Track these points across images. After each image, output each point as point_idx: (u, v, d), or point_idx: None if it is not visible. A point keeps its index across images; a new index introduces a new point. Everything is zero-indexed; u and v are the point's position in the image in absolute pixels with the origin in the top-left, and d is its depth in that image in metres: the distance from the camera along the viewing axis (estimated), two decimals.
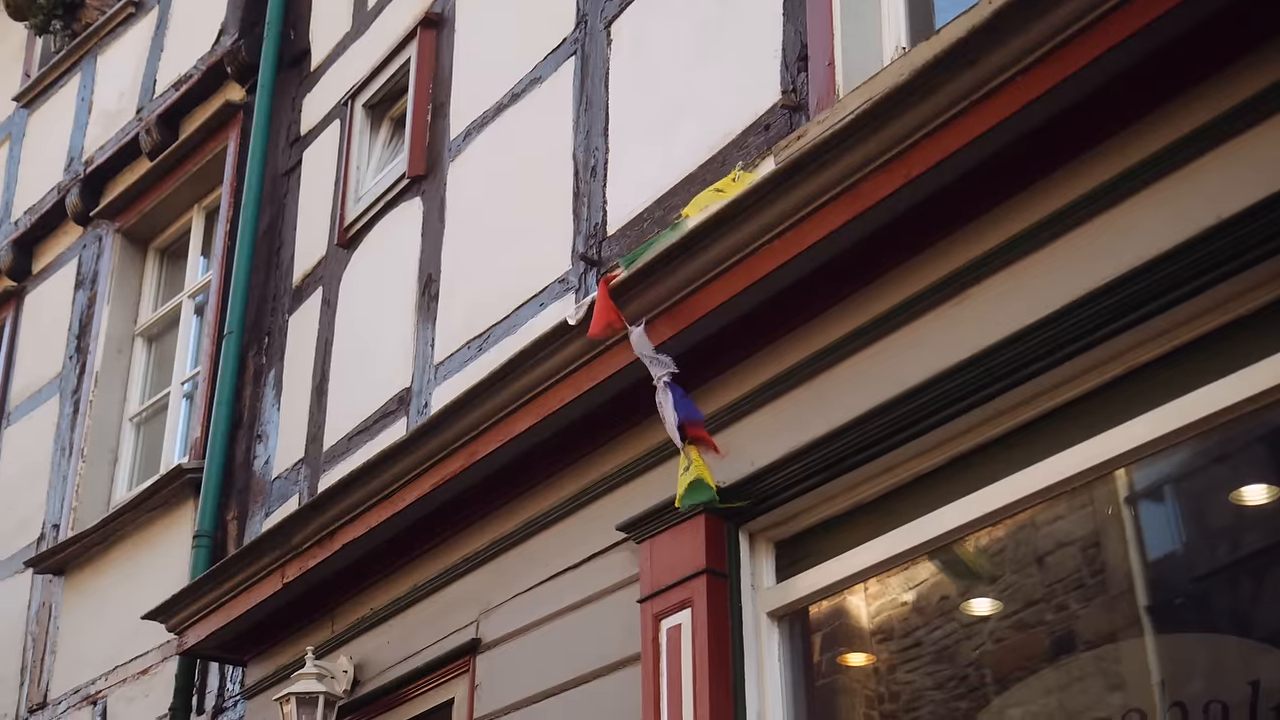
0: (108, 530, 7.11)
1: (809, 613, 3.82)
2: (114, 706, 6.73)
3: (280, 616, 5.59)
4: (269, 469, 6.41)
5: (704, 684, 3.70)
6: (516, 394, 4.47)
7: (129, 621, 6.60)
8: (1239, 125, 2.96)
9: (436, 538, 4.96)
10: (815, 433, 3.70)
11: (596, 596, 4.24)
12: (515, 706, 4.41)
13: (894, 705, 3.66)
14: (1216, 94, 3.00)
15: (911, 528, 3.56)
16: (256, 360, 6.76)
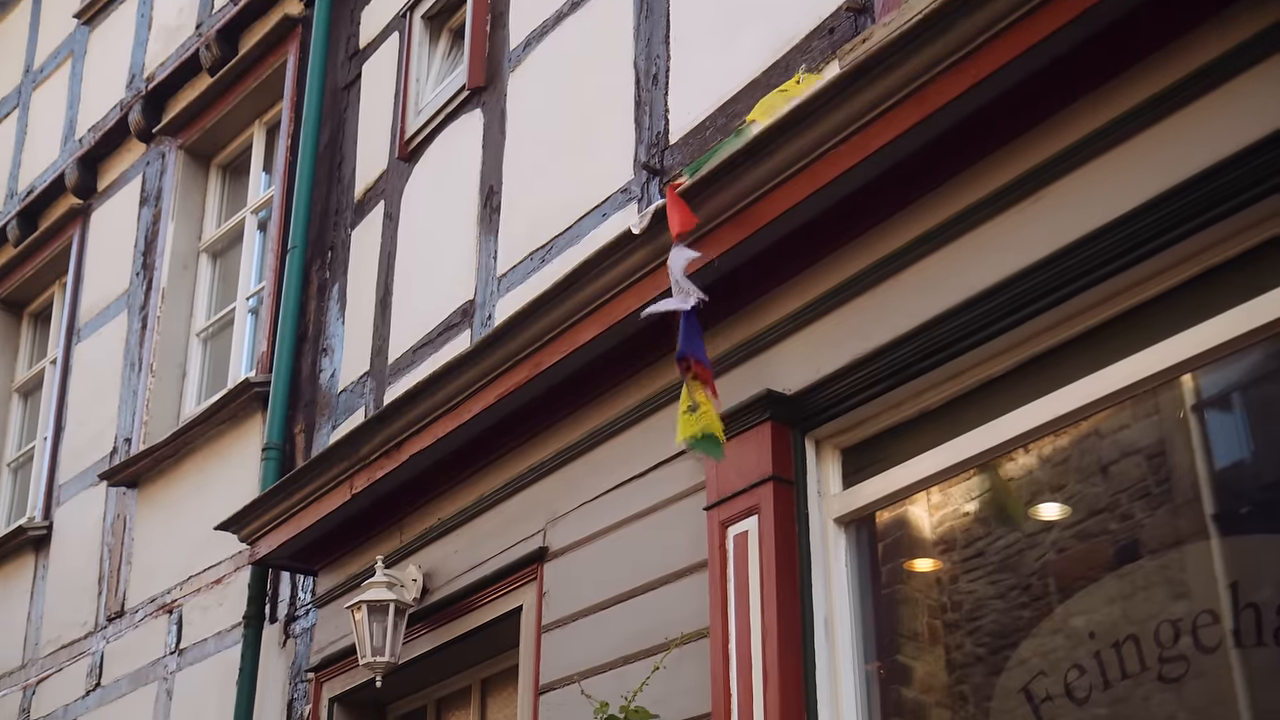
0: (178, 444, 7.21)
1: (875, 519, 3.83)
2: (189, 615, 6.87)
3: (349, 527, 5.68)
4: (335, 382, 6.47)
5: (771, 590, 3.73)
6: (580, 304, 4.48)
7: (201, 532, 6.72)
8: None
9: (502, 448, 5.00)
10: (881, 339, 3.69)
11: (663, 504, 4.26)
12: (583, 613, 4.46)
13: (956, 614, 3.67)
14: None
15: (978, 433, 3.56)
16: (320, 275, 6.80)
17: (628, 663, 4.19)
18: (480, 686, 5.41)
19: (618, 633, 4.27)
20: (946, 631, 3.69)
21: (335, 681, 5.66)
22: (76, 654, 7.65)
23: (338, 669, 5.64)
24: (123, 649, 7.29)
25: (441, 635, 5.17)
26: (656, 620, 4.14)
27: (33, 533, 8.30)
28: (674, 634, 4.03)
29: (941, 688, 3.67)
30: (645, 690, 3.98)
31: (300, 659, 6.11)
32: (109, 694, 7.27)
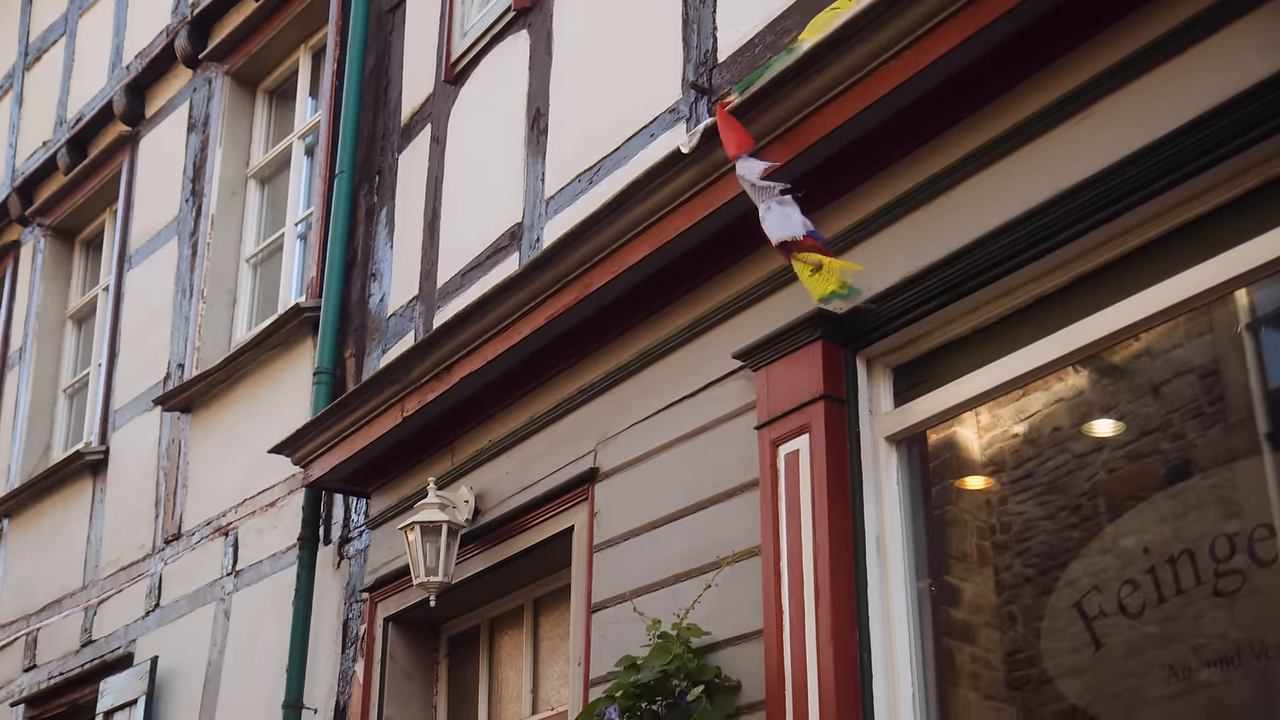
0: (230, 369, 7.28)
1: (927, 437, 3.83)
2: (244, 537, 6.97)
3: (401, 449, 5.73)
4: (384, 306, 6.50)
5: (823, 508, 3.74)
6: (629, 225, 4.47)
7: (255, 456, 6.80)
8: None
9: (552, 370, 5.03)
10: (933, 256, 3.67)
11: (713, 424, 4.28)
12: (635, 532, 4.49)
13: (1005, 535, 3.68)
14: None
15: (1030, 351, 3.54)
16: (368, 199, 6.81)
17: (679, 581, 4.22)
18: (532, 606, 5.47)
19: (669, 552, 4.30)
20: (995, 552, 3.70)
21: (389, 601, 5.74)
22: (135, 575, 7.78)
23: (391, 589, 5.71)
24: (180, 571, 7.41)
25: (493, 555, 5.22)
26: (708, 539, 4.16)
27: (90, 457, 8.43)
28: (725, 553, 4.05)
29: (990, 608, 3.68)
30: (697, 608, 4.02)
31: (354, 580, 6.19)
32: (168, 614, 7.40)
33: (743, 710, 3.88)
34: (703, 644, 4.01)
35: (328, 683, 6.16)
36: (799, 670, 3.68)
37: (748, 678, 3.89)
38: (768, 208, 3.64)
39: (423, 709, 5.76)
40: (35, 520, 9.05)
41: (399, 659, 5.75)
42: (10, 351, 9.97)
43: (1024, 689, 3.55)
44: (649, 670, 3.95)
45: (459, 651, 5.82)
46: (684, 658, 3.94)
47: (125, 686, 7.33)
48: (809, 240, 3.59)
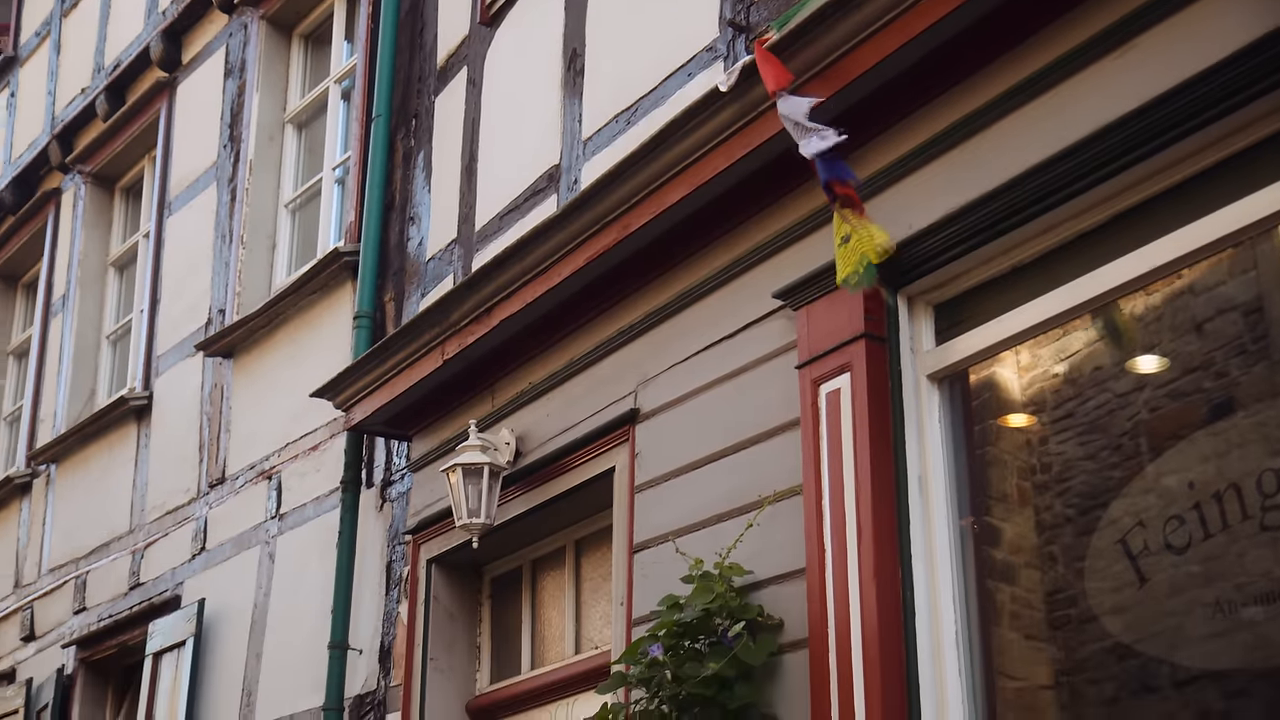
0: (271, 314, 7.32)
1: (969, 375, 3.81)
2: (288, 481, 7.03)
3: (442, 392, 5.75)
4: (423, 250, 6.51)
5: (864, 447, 3.74)
6: (667, 165, 4.45)
7: (297, 400, 6.84)
8: None
9: (592, 311, 5.03)
10: (974, 193, 3.64)
11: (754, 364, 4.27)
12: (676, 473, 4.50)
13: (1046, 476, 3.67)
14: None
15: (1072, 287, 3.52)
16: (405, 143, 6.81)
17: (721, 521, 4.24)
18: (574, 547, 5.50)
19: (710, 492, 4.31)
20: (1036, 493, 3.69)
21: (432, 543, 5.78)
22: (181, 519, 7.87)
23: (434, 531, 5.76)
24: (225, 514, 7.48)
25: (535, 497, 5.25)
26: (749, 479, 4.17)
27: (134, 402, 8.50)
28: (767, 492, 4.06)
29: (1031, 549, 3.68)
30: (739, 547, 4.04)
31: (397, 522, 6.24)
32: (214, 557, 7.48)
33: (785, 648, 3.90)
34: (745, 583, 4.03)
35: (372, 624, 6.22)
36: (841, 608, 3.69)
37: (790, 616, 3.91)
38: (810, 147, 3.61)
39: (466, 649, 5.82)
40: (82, 465, 9.15)
41: (442, 600, 5.80)
42: (54, 299, 10.05)
43: (1064, 629, 3.55)
44: (691, 609, 3.97)
45: (501, 592, 5.86)
46: (726, 596, 3.96)
47: (174, 628, 7.43)
48: (848, 188, 3.56)
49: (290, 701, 6.53)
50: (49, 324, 10.06)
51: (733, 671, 3.86)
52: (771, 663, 3.90)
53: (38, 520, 9.60)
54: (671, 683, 3.95)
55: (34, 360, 10.12)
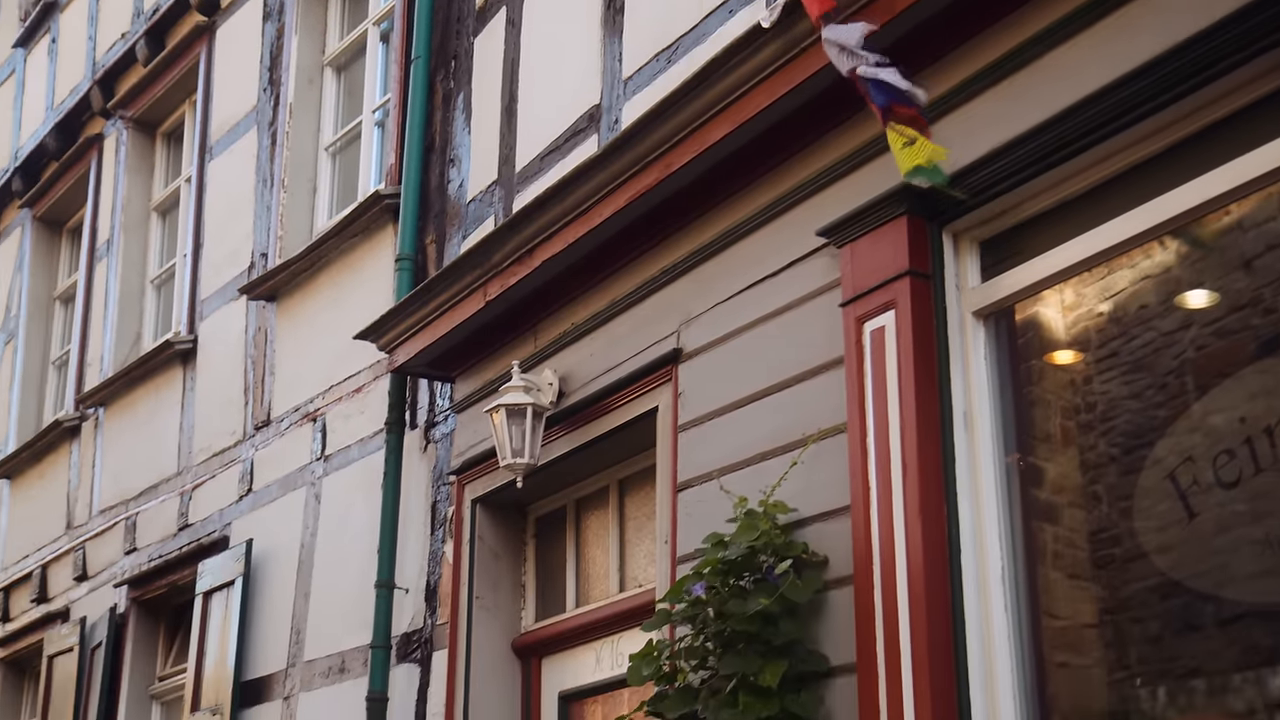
0: (313, 257, 7.34)
1: (1015, 312, 3.79)
2: (332, 423, 7.08)
3: (484, 334, 5.77)
4: (463, 192, 6.51)
5: (909, 384, 3.74)
6: (709, 104, 4.42)
7: (340, 343, 6.88)
8: None
9: (634, 251, 5.02)
10: (1023, 126, 3.61)
11: (797, 302, 4.26)
12: (719, 412, 4.51)
13: (1090, 415, 3.65)
14: None
15: (1120, 222, 3.49)
16: (445, 84, 6.79)
17: (765, 459, 4.24)
18: (618, 486, 5.53)
19: (754, 430, 4.32)
20: (1080, 432, 3.68)
21: (477, 484, 5.82)
22: (228, 461, 7.95)
23: (478, 471, 5.79)
24: (271, 456, 7.55)
25: (578, 437, 5.27)
26: (793, 417, 4.17)
27: (179, 346, 8.57)
28: (811, 430, 4.07)
29: (1075, 488, 3.67)
30: (783, 485, 4.05)
31: (441, 463, 6.28)
32: (260, 498, 7.56)
33: (831, 584, 3.92)
34: (789, 520, 4.05)
35: (418, 563, 6.28)
36: (887, 545, 3.70)
37: (835, 553, 3.92)
38: (867, 73, 3.55)
39: (511, 588, 5.87)
40: (129, 409, 9.25)
41: (487, 539, 5.85)
42: (98, 244, 10.12)
43: (1108, 568, 3.55)
44: (736, 547, 3.99)
45: (546, 532, 5.90)
46: (771, 534, 3.98)
47: (222, 568, 7.53)
48: (910, 110, 3.51)
49: (338, 639, 6.62)
50: (94, 269, 10.14)
51: (778, 608, 3.87)
52: (817, 599, 3.92)
53: (87, 463, 9.73)
54: (716, 619, 3.98)
55: (80, 305, 10.22)
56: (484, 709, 5.63)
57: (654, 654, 4.25)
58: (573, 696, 5.54)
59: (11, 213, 11.75)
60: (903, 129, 3.51)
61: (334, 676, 6.60)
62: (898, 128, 3.52)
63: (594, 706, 5.44)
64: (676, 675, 4.18)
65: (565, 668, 5.59)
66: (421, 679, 6.09)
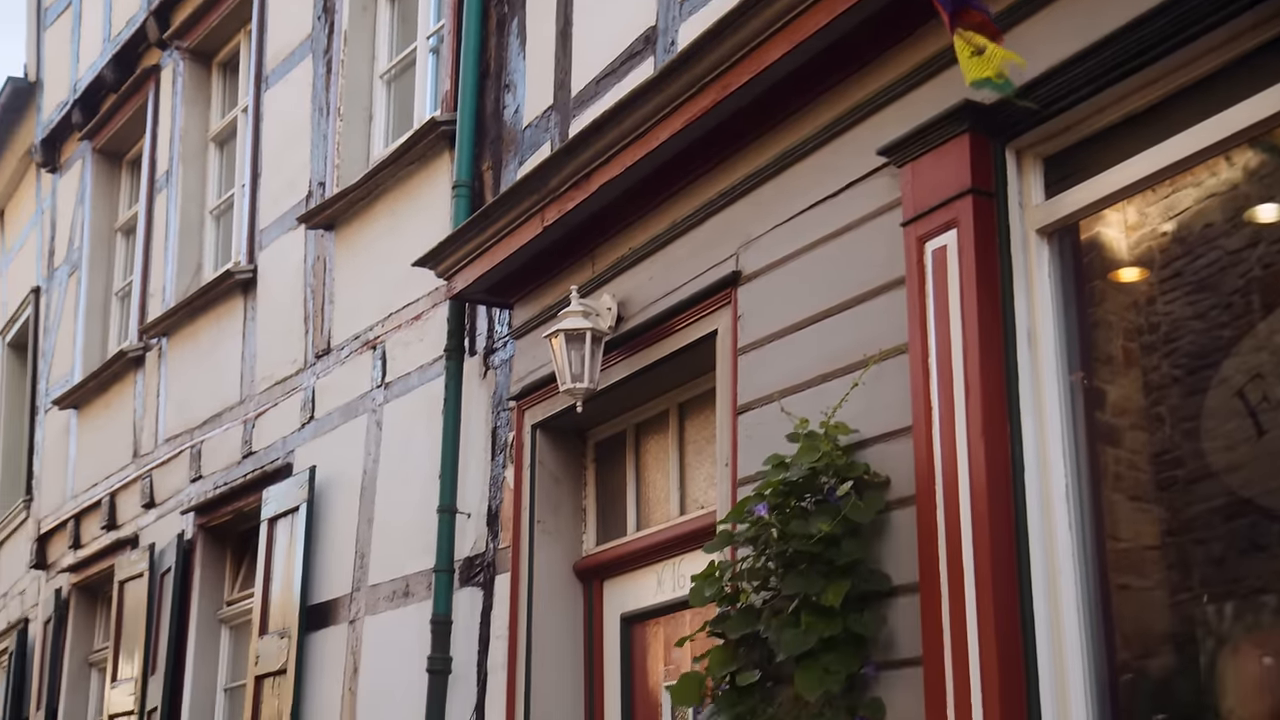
0: (370, 185, 7.36)
1: (1079, 229, 3.75)
2: (392, 350, 7.13)
3: (542, 259, 5.77)
4: (519, 118, 6.49)
5: (971, 303, 3.71)
6: (767, 22, 4.37)
7: (398, 271, 6.91)
8: None
9: (692, 174, 5.00)
10: (1086, 41, 3.54)
11: (857, 223, 4.23)
12: (779, 334, 4.50)
13: (1153, 336, 3.61)
14: None
15: (1186, 136, 3.43)
16: (499, 10, 6.75)
17: (825, 381, 4.23)
18: (677, 410, 5.54)
19: (815, 352, 4.31)
20: (1143, 354, 3.65)
21: (536, 409, 5.85)
22: (289, 390, 8.02)
23: (538, 397, 5.82)
24: (332, 384, 7.62)
25: (637, 361, 5.28)
26: (854, 338, 4.16)
27: (239, 276, 8.64)
28: (872, 351, 4.05)
29: (1137, 410, 3.64)
30: (844, 406, 4.04)
31: (501, 389, 6.31)
32: (322, 426, 7.64)
33: (893, 505, 3.92)
34: (850, 441, 4.04)
35: (479, 488, 6.34)
36: (949, 464, 3.69)
37: (897, 473, 3.92)
38: None
39: (572, 512, 5.91)
40: (192, 339, 9.35)
41: (547, 464, 5.88)
42: (157, 175, 10.19)
43: (1171, 489, 3.53)
44: (797, 468, 3.99)
45: (606, 456, 5.93)
46: (832, 455, 3.98)
47: (286, 495, 7.63)
48: (979, 16, 3.44)
49: (402, 564, 6.70)
50: (154, 200, 10.22)
51: (840, 529, 3.88)
52: (878, 520, 3.93)
53: (152, 392, 9.86)
54: (778, 540, 4.00)
55: (141, 236, 10.31)
56: (546, 631, 5.70)
57: (716, 575, 4.28)
58: (634, 618, 5.59)
59: (72, 145, 11.85)
60: (971, 36, 3.45)
61: (398, 600, 6.69)
62: (965, 34, 3.45)
63: (655, 628, 5.49)
64: (738, 596, 4.20)
65: (626, 590, 5.63)
66: (484, 602, 6.16)
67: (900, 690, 3.81)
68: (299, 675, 7.22)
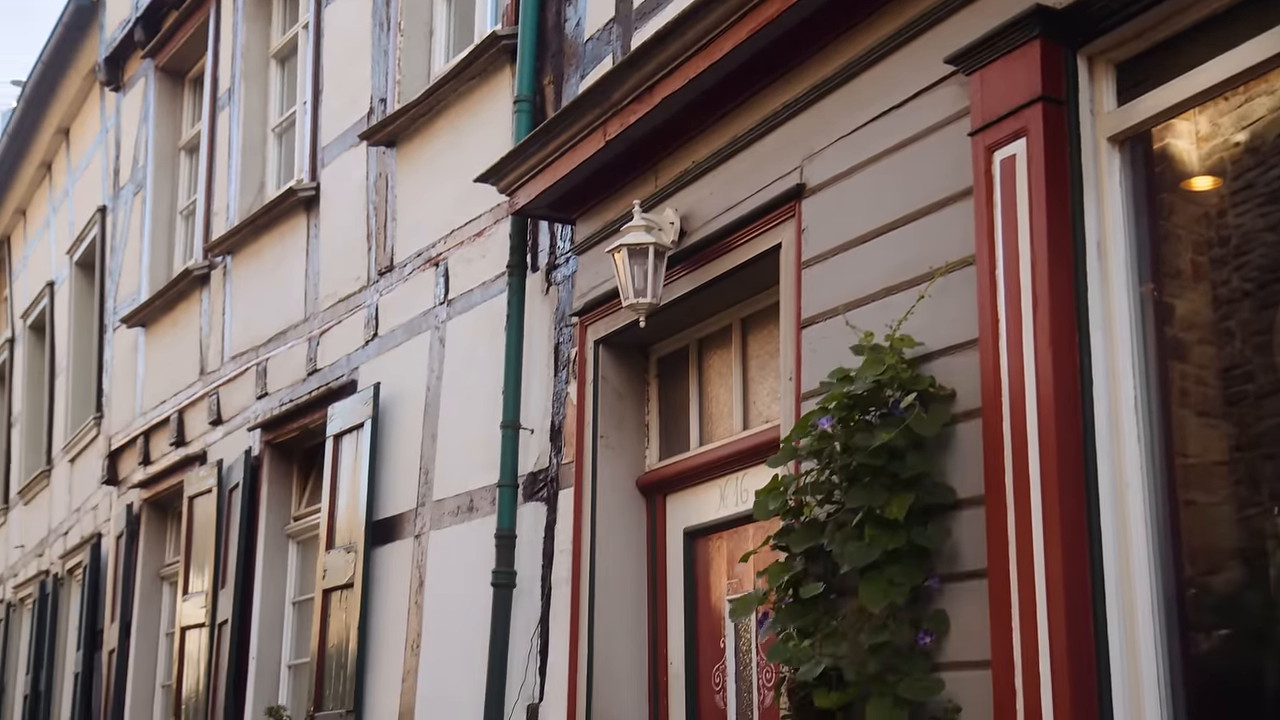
0: (431, 101, 7.34)
1: (1151, 137, 3.68)
2: (454, 267, 7.14)
3: (604, 174, 5.74)
4: (580, 31, 6.43)
5: (1040, 213, 3.65)
6: None
7: (460, 187, 6.90)
8: None
9: (755, 86, 4.94)
10: None
11: (924, 133, 4.17)
12: (843, 247, 4.46)
13: (1223, 250, 3.54)
14: None
15: (1261, 40, 3.35)
16: None
17: (890, 294, 4.20)
18: (740, 325, 5.52)
19: (880, 265, 4.27)
20: (1212, 267, 3.58)
21: (599, 325, 5.85)
22: (353, 307, 8.07)
23: (600, 313, 5.82)
24: (395, 301, 7.65)
25: (700, 276, 5.26)
26: (920, 250, 4.11)
27: (302, 194, 8.66)
28: (938, 263, 4.01)
29: (1205, 325, 3.58)
30: (910, 319, 4.01)
31: (563, 305, 6.32)
32: (386, 343, 7.68)
33: (958, 418, 3.90)
34: (915, 354, 4.01)
35: (542, 404, 6.36)
36: (1016, 377, 3.66)
37: (963, 386, 3.89)
38: None
39: (635, 427, 5.93)
40: (256, 257, 9.41)
41: (610, 380, 5.89)
42: (220, 93, 10.22)
43: (1240, 404, 3.48)
44: (862, 381, 3.97)
45: (668, 372, 5.93)
46: (897, 368, 3.95)
47: (351, 411, 7.69)
48: None
49: (466, 479, 6.76)
50: (216, 118, 10.25)
51: (904, 442, 3.87)
52: (943, 433, 3.90)
53: (217, 310, 9.95)
54: (842, 454, 3.99)
55: (204, 154, 10.36)
56: (610, 546, 5.73)
57: (780, 489, 4.28)
58: (697, 533, 5.61)
59: (135, 64, 11.90)
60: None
61: (463, 515, 6.75)
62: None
63: (718, 542, 5.51)
64: (802, 510, 4.21)
65: (689, 505, 5.65)
66: (548, 517, 6.21)
67: (964, 602, 3.81)
68: (366, 589, 7.33)
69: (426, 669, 6.82)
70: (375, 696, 7.18)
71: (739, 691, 5.28)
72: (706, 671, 5.47)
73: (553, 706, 5.93)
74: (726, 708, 5.33)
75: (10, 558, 15.60)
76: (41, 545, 14.16)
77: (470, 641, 6.39)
